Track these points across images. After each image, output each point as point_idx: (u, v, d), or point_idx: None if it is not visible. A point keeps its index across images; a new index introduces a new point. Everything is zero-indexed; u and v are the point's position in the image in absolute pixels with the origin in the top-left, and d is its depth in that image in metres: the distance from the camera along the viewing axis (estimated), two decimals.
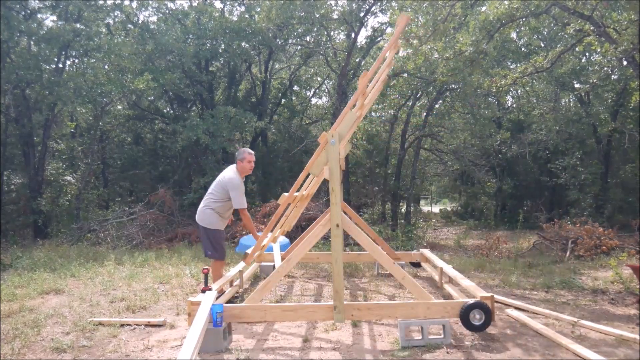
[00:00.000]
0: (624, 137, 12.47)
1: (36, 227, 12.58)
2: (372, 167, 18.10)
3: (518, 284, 6.38)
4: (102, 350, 3.97)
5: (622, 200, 14.42)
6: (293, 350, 3.90)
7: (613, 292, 5.95)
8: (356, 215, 7.26)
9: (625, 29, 7.46)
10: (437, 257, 6.61)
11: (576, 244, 9.00)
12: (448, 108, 16.89)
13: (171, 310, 5.17)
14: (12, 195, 13.43)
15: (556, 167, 14.93)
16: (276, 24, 13.93)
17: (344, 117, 4.24)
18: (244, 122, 13.79)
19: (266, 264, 6.91)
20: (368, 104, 5.86)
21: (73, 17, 12.96)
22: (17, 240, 11.70)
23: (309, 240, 4.46)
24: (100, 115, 14.69)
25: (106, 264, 7.88)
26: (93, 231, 11.36)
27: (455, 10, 8.19)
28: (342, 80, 14.97)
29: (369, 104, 5.93)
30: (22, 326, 4.59)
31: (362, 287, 6.28)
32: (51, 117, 13.20)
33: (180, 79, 14.17)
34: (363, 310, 4.18)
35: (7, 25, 11.22)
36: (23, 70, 11.60)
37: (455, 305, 4.13)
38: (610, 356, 3.66)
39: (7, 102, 12.22)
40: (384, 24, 16.01)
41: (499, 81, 9.21)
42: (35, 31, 11.94)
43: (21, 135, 12.77)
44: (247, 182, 16.83)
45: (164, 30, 13.86)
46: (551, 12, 8.36)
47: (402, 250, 9.23)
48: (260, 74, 17.74)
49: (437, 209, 28.70)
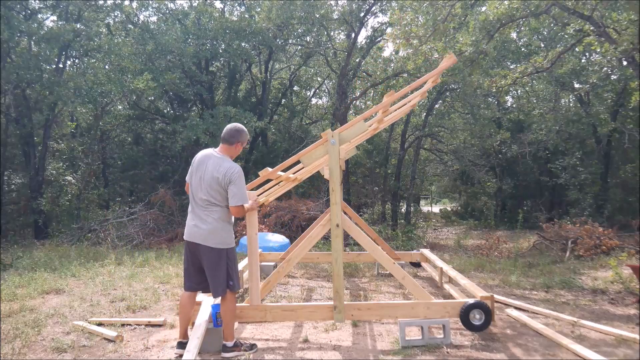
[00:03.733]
0: (624, 137, 12.47)
1: (36, 227, 12.58)
2: (372, 167, 18.11)
3: (518, 284, 6.38)
4: (103, 350, 3.98)
5: (622, 200, 14.42)
6: (293, 350, 3.91)
7: (613, 292, 5.95)
8: (356, 215, 7.27)
9: (625, 29, 7.46)
10: (437, 257, 6.62)
11: (576, 244, 9.01)
12: (448, 108, 16.91)
13: (171, 310, 5.18)
14: (12, 195, 13.44)
15: (556, 167, 14.94)
16: (276, 24, 13.95)
17: (354, 124, 4.12)
18: (244, 122, 13.79)
19: (266, 264, 6.92)
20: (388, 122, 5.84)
21: (73, 17, 12.97)
22: (18, 240, 11.71)
23: (309, 240, 4.47)
24: (101, 115, 14.70)
25: (106, 263, 7.89)
26: (93, 231, 11.37)
27: (455, 10, 8.20)
28: (342, 81, 14.98)
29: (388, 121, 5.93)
30: (22, 326, 4.59)
31: (362, 287, 6.28)
32: (51, 117, 13.20)
33: (180, 79, 14.17)
34: (363, 310, 4.18)
35: (7, 25, 11.22)
36: (23, 70, 11.61)
37: (455, 305, 4.13)
38: (610, 356, 3.67)
39: (7, 102, 12.23)
40: (384, 24, 16.01)
41: (498, 81, 9.22)
42: (35, 31, 11.95)
43: (21, 135, 12.78)
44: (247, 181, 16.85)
45: (164, 30, 13.87)
46: (551, 12, 8.36)
47: (402, 250, 9.25)
48: (261, 74, 17.75)
49: (437, 209, 28.70)
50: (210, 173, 3.65)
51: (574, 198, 14.76)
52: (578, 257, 8.60)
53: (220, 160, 3.71)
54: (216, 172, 3.63)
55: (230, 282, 3.70)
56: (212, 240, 3.63)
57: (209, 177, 3.65)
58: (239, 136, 3.82)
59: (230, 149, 3.81)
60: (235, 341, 3.81)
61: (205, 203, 3.68)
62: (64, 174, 13.63)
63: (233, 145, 3.81)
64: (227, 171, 3.62)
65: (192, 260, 3.75)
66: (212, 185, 3.64)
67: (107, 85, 12.24)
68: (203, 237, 3.64)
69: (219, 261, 3.64)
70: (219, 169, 3.64)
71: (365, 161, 18.41)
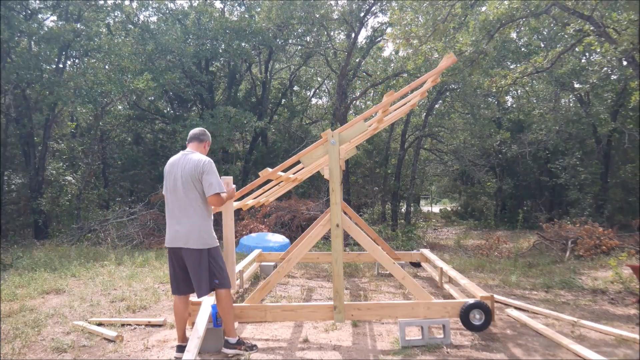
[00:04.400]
0: (624, 137, 12.48)
1: (36, 227, 12.58)
2: (372, 167, 18.12)
3: (518, 284, 6.38)
4: (103, 350, 3.98)
5: (622, 200, 14.43)
6: (293, 350, 3.91)
7: (613, 292, 5.95)
8: (356, 215, 7.27)
9: (625, 29, 7.46)
10: (437, 257, 6.62)
11: (576, 244, 9.01)
12: (448, 108, 16.91)
13: (171, 310, 5.17)
14: (12, 195, 13.44)
15: (556, 167, 14.94)
16: (276, 24, 13.95)
17: (354, 124, 4.14)
18: (244, 122, 13.80)
19: (266, 264, 6.92)
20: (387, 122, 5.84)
21: (73, 17, 12.97)
22: (18, 240, 11.71)
23: (309, 241, 4.47)
24: (101, 115, 14.70)
25: (106, 264, 7.89)
26: (93, 231, 11.37)
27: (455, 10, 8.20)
28: (342, 81, 14.99)
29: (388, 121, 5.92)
30: (22, 326, 4.59)
31: (362, 287, 6.28)
32: (51, 117, 13.21)
33: (180, 79, 14.18)
34: (363, 310, 4.18)
35: (7, 25, 11.23)
36: (23, 70, 11.61)
37: (456, 305, 4.13)
38: (610, 356, 3.67)
39: (7, 102, 12.23)
40: (384, 24, 16.02)
41: (498, 81, 9.22)
42: (35, 31, 11.95)
43: (21, 135, 12.78)
44: (247, 181, 16.84)
45: (164, 30, 13.88)
46: (551, 12, 8.37)
47: (402, 250, 9.25)
48: (260, 74, 17.76)
49: (437, 209, 28.70)
50: (182, 169, 3.66)
51: (574, 198, 14.77)
52: (578, 257, 8.60)
53: (189, 153, 3.75)
54: (188, 166, 3.65)
55: (216, 280, 3.67)
56: (192, 242, 3.61)
57: (182, 174, 3.65)
58: (202, 136, 3.90)
59: (199, 147, 3.87)
60: (238, 339, 3.82)
61: (183, 202, 3.64)
62: (64, 174, 13.63)
63: (202, 143, 3.89)
64: (197, 163, 3.64)
65: (178, 264, 3.72)
66: (187, 181, 3.63)
67: (107, 85, 12.25)
68: (184, 240, 3.62)
69: (201, 261, 3.62)
70: (190, 162, 3.66)
71: (365, 161, 18.42)
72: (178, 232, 3.64)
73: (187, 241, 3.61)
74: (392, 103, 4.71)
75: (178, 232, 3.64)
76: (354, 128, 4.14)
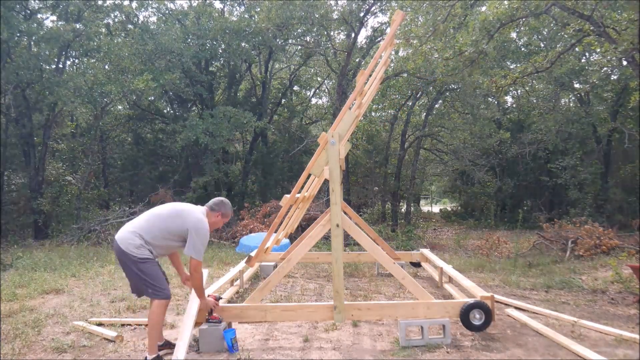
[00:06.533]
0: (624, 137, 12.47)
1: (36, 227, 12.59)
2: (372, 167, 18.12)
3: (518, 284, 6.38)
4: (103, 350, 3.98)
5: (622, 200, 14.42)
6: (293, 350, 3.91)
7: (613, 292, 5.95)
8: (356, 215, 7.27)
9: (625, 29, 7.46)
10: (437, 257, 6.62)
11: (576, 244, 9.01)
12: (448, 108, 16.91)
13: (171, 310, 5.17)
14: (12, 195, 13.44)
15: (556, 167, 14.94)
16: (276, 24, 13.94)
17: (343, 116, 4.21)
18: (244, 122, 13.80)
19: (266, 264, 6.91)
20: (366, 103, 5.86)
21: (73, 17, 12.96)
22: (18, 240, 11.71)
23: (309, 241, 4.47)
24: (101, 115, 14.70)
25: (106, 263, 7.88)
26: (93, 231, 11.37)
27: (455, 10, 8.20)
28: (342, 80, 14.99)
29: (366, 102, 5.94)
30: (22, 326, 4.59)
31: (362, 287, 6.28)
32: (51, 117, 13.20)
33: (180, 79, 14.16)
34: (363, 310, 4.18)
35: (7, 25, 11.22)
36: (23, 70, 11.61)
37: (456, 305, 4.13)
38: (610, 356, 3.67)
39: (7, 102, 12.23)
40: (384, 24, 16.01)
41: (498, 81, 9.23)
42: (35, 31, 11.95)
43: (21, 135, 12.78)
44: (247, 181, 16.86)
45: (163, 30, 13.86)
46: (551, 12, 8.37)
47: (402, 250, 9.25)
48: (260, 74, 17.75)
49: (437, 209, 28.70)
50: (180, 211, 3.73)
51: (574, 198, 14.77)
52: (578, 257, 8.60)
53: (198, 212, 3.75)
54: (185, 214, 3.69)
55: (149, 290, 3.60)
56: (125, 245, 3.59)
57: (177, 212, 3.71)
58: (221, 207, 3.88)
59: (213, 216, 3.85)
60: (157, 356, 3.59)
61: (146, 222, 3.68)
62: (64, 174, 13.64)
63: (215, 213, 3.85)
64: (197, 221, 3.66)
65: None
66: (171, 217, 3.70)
67: (107, 85, 12.25)
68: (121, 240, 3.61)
69: (130, 269, 3.61)
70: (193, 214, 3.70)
71: (365, 161, 18.42)
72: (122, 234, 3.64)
73: (121, 243, 3.58)
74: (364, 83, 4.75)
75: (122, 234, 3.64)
76: (345, 120, 4.21)
